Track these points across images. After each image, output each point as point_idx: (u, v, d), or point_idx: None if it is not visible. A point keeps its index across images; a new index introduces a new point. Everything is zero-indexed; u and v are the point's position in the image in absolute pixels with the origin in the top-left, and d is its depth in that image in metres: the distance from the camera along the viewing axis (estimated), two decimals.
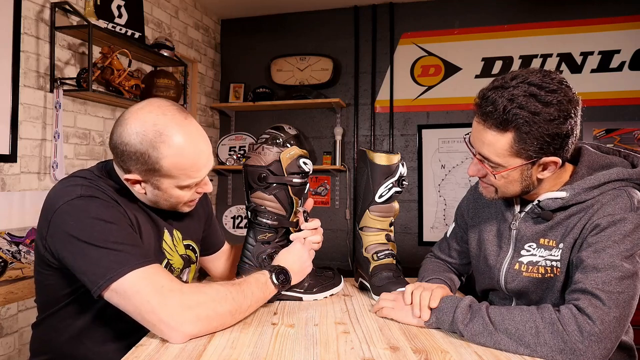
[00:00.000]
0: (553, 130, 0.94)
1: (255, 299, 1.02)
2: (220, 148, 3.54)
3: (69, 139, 2.17)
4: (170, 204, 1.07)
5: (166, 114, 0.98)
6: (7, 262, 1.81)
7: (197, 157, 1.01)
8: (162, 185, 1.02)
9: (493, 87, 0.99)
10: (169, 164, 0.98)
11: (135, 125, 0.97)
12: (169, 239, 1.14)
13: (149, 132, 0.96)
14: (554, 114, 0.93)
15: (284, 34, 3.55)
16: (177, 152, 0.97)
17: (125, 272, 0.89)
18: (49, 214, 0.96)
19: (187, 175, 1.01)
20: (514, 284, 1.11)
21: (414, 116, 3.34)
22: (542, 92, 0.93)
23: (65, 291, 1.03)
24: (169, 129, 0.97)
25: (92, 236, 0.91)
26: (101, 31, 2.12)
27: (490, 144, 0.99)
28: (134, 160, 0.98)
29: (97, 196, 0.97)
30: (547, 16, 3.11)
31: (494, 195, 1.10)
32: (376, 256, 1.27)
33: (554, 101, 0.93)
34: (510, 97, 0.94)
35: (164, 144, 0.96)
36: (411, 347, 0.88)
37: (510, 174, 1.02)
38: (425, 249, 1.84)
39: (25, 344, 1.91)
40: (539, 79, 0.95)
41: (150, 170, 0.99)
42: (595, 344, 0.84)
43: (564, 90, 0.95)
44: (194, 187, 1.07)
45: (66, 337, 1.05)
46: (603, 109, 3.02)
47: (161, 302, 0.88)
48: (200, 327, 0.90)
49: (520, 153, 0.98)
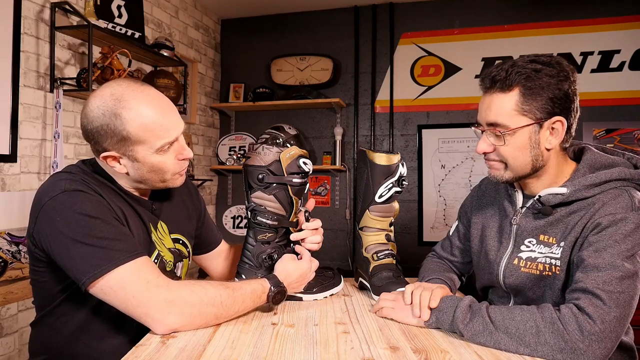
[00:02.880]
0: (555, 86, 1.00)
1: (244, 307, 1.03)
2: (220, 148, 3.54)
3: (69, 139, 2.17)
4: (157, 176, 1.06)
5: (121, 84, 1.01)
6: (7, 262, 1.81)
7: (160, 115, 1.01)
8: (138, 155, 1.02)
9: (495, 65, 1.07)
10: (134, 127, 0.99)
11: (94, 101, 1.00)
12: (155, 232, 1.13)
13: (108, 102, 0.98)
14: (554, 71, 1.00)
15: (284, 34, 3.55)
16: (138, 113, 0.99)
17: (110, 269, 0.90)
18: (36, 210, 0.98)
19: (157, 136, 1.01)
20: (512, 279, 1.11)
21: (414, 116, 3.34)
22: (541, 57, 1.03)
23: (58, 287, 1.03)
24: (125, 95, 0.99)
25: (77, 232, 0.92)
26: (101, 31, 2.11)
27: (498, 107, 1.03)
28: (103, 135, 0.99)
29: (81, 189, 0.98)
30: (547, 16, 3.11)
31: (504, 172, 1.09)
32: (376, 256, 1.27)
33: (552, 62, 1.02)
34: (512, 64, 1.03)
35: (124, 109, 0.98)
36: (411, 347, 0.88)
37: (519, 137, 1.03)
38: (425, 249, 1.84)
39: (25, 344, 1.91)
40: (535, 55, 1.05)
41: (121, 141, 0.99)
42: (595, 344, 0.84)
43: (559, 59, 1.04)
44: (171, 151, 1.05)
45: (64, 334, 1.05)
46: (603, 109, 3.02)
47: (147, 296, 0.90)
48: (183, 323, 0.92)
49: (527, 111, 1.01)
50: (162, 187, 1.11)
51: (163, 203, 1.19)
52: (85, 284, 0.91)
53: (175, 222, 1.21)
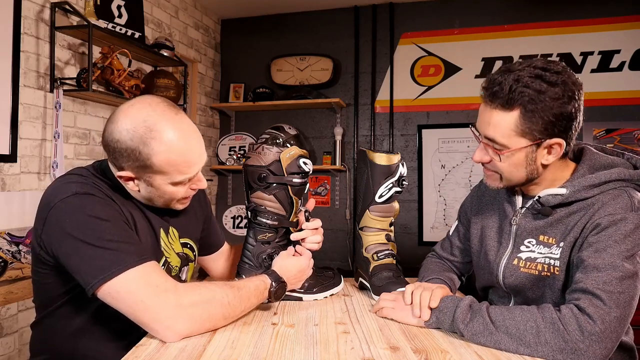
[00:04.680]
0: (558, 110, 0.96)
1: (249, 305, 1.03)
2: (220, 148, 3.54)
3: (69, 139, 2.17)
4: (164, 200, 1.07)
5: (156, 110, 0.98)
6: (7, 262, 1.81)
7: (188, 152, 1.00)
8: (154, 182, 1.01)
9: (500, 71, 1.02)
10: (160, 160, 0.97)
11: (125, 122, 0.96)
12: (165, 237, 1.13)
13: (139, 128, 0.95)
14: (559, 93, 0.95)
15: (284, 34, 3.55)
16: (168, 148, 0.97)
17: (119, 272, 0.88)
18: (44, 212, 0.96)
19: (179, 172, 1.01)
20: (512, 280, 1.11)
21: (414, 116, 3.34)
22: (548, 73, 0.96)
23: (61, 290, 1.02)
24: (159, 125, 0.96)
25: (86, 234, 0.91)
26: (101, 31, 2.11)
27: (497, 124, 1.00)
28: (126, 157, 0.97)
29: (92, 193, 0.97)
30: (547, 16, 3.11)
31: (499, 183, 1.09)
32: (376, 256, 1.27)
33: (558, 81, 0.96)
34: (517, 77, 0.97)
35: (154, 140, 0.96)
36: (411, 347, 0.88)
37: (515, 155, 1.02)
38: (425, 249, 1.84)
39: (25, 344, 1.91)
40: (543, 64, 0.99)
41: (141, 167, 0.98)
42: (595, 344, 0.84)
43: (568, 73, 0.99)
44: (188, 184, 1.06)
45: (65, 336, 1.05)
46: (603, 109, 3.02)
47: (155, 301, 0.88)
48: (193, 327, 0.91)
49: (526, 133, 0.98)
50: (164, 207, 1.11)
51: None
52: (93, 287, 0.89)
53: (183, 225, 1.21)
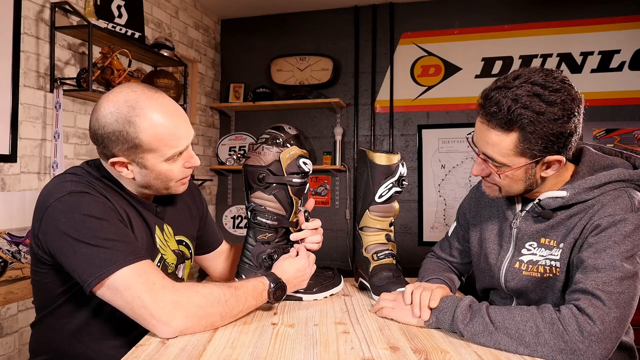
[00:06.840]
0: (557, 130, 0.94)
1: (248, 306, 1.03)
2: (220, 148, 3.54)
3: (69, 139, 2.17)
4: (162, 183, 1.07)
5: (135, 90, 1.01)
6: (7, 262, 1.81)
7: (174, 124, 1.02)
8: (147, 163, 1.02)
9: (496, 87, 0.98)
10: (148, 136, 0.98)
11: (108, 106, 0.99)
12: (160, 234, 1.13)
13: (122, 108, 0.98)
14: (558, 113, 0.93)
15: (284, 34, 3.55)
16: (153, 123, 0.98)
17: (116, 269, 0.90)
18: (40, 212, 0.97)
19: (169, 146, 1.02)
20: (514, 283, 1.11)
21: (414, 116, 3.34)
22: (546, 91, 0.94)
23: (60, 289, 1.03)
24: (140, 103, 0.98)
25: (82, 233, 0.92)
26: (101, 31, 2.11)
27: (495, 144, 0.99)
28: (114, 140, 0.99)
29: (87, 191, 0.98)
30: (547, 16, 3.11)
31: (498, 194, 1.10)
32: (376, 256, 1.27)
33: (557, 100, 0.93)
34: (514, 97, 0.94)
35: (138, 117, 0.98)
36: (411, 347, 0.88)
37: (514, 173, 1.02)
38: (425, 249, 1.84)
39: (25, 344, 1.91)
40: (542, 79, 0.95)
41: (132, 148, 0.99)
42: (595, 344, 0.84)
43: (567, 89, 0.95)
44: (180, 160, 1.06)
45: (64, 335, 1.05)
46: (603, 109, 3.02)
47: (153, 298, 0.89)
48: (189, 323, 0.92)
49: (525, 152, 0.98)
50: (165, 194, 1.12)
51: (167, 205, 1.19)
52: (90, 284, 0.90)
53: (178, 223, 1.21)
